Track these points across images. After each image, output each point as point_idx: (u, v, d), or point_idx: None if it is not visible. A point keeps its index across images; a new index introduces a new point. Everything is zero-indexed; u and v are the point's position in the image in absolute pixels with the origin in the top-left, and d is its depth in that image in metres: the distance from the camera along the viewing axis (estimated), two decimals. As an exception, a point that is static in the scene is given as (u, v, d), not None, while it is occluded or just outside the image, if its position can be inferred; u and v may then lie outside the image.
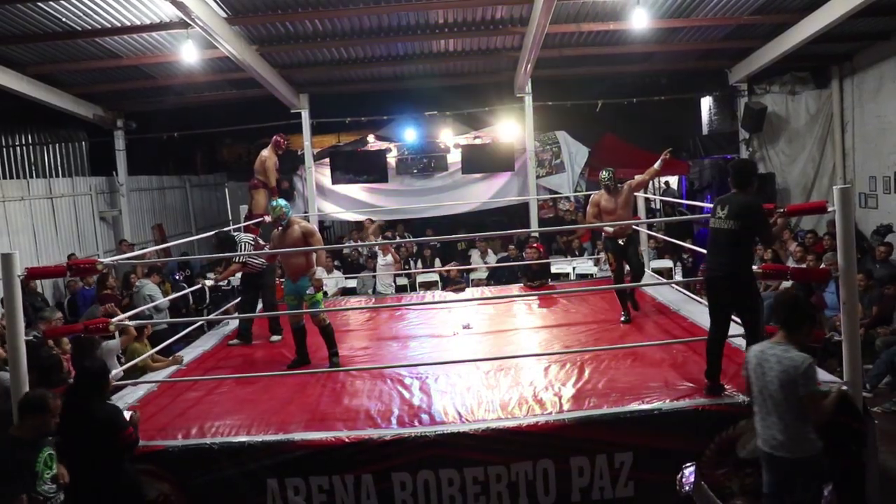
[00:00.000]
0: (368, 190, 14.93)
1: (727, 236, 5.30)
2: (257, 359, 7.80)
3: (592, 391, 5.75)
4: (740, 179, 5.42)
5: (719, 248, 5.40)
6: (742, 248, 5.34)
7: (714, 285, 5.50)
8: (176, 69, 12.59)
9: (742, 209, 5.26)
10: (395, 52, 12.97)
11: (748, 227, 5.26)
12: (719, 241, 5.38)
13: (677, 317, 8.01)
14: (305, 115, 14.46)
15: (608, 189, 8.22)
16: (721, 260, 5.37)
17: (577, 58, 13.55)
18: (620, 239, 8.18)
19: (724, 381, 5.49)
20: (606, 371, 6.21)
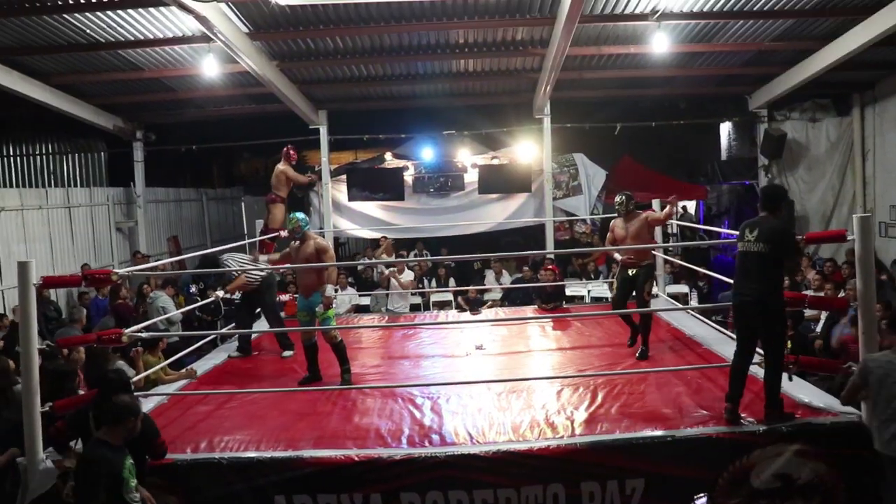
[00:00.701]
0: (384, 207, 14.96)
1: (756, 260, 5.28)
2: (268, 374, 7.82)
3: (605, 416, 5.72)
4: (770, 203, 5.44)
5: (748, 272, 5.37)
6: (771, 272, 5.32)
7: (743, 311, 5.46)
8: (196, 82, 12.71)
9: (773, 233, 5.25)
10: (415, 70, 13.04)
11: (778, 251, 5.25)
12: (748, 264, 5.36)
13: (693, 343, 7.96)
14: (324, 131, 14.53)
15: (620, 215, 7.97)
16: (751, 285, 5.34)
17: (597, 80, 13.57)
18: (631, 269, 7.78)
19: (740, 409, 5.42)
20: (620, 396, 6.17)
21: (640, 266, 7.71)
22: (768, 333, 5.38)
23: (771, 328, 5.35)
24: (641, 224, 7.77)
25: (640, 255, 7.71)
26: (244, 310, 8.86)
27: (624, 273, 7.86)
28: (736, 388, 5.42)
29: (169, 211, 17.04)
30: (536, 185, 14.60)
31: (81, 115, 13.36)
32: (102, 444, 4.41)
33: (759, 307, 5.29)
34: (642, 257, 7.73)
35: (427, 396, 6.46)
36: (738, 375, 5.45)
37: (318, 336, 7.30)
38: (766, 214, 5.41)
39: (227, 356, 8.45)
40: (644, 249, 7.77)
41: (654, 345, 8.09)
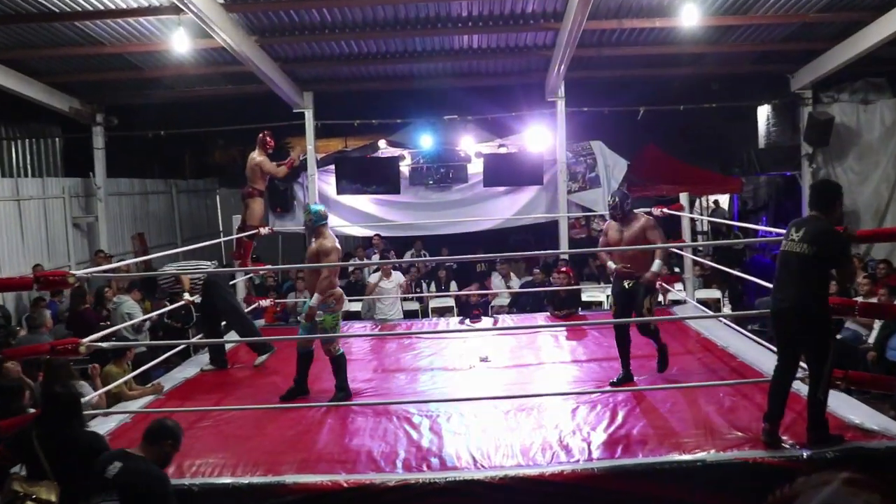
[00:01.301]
0: (378, 202, 14.97)
1: (799, 262, 5.25)
2: (246, 389, 7.78)
3: (626, 437, 5.70)
4: (821, 202, 5.42)
5: (789, 275, 5.35)
6: (815, 277, 5.29)
7: (781, 318, 5.44)
8: (165, 59, 12.73)
9: (821, 234, 5.22)
10: (412, 47, 13.05)
11: (825, 255, 5.21)
12: (790, 267, 5.33)
13: (725, 355, 7.93)
14: (309, 115, 14.56)
15: (613, 218, 7.56)
16: (790, 290, 5.32)
17: (618, 58, 13.58)
18: (626, 280, 7.35)
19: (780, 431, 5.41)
20: (643, 414, 6.16)
21: (637, 277, 7.28)
22: (810, 345, 5.35)
23: (813, 339, 5.31)
24: (639, 230, 7.34)
25: (638, 265, 7.27)
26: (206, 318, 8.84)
27: (619, 285, 7.45)
28: (776, 407, 5.39)
29: (134, 205, 17.05)
30: (549, 177, 14.62)
31: (32, 96, 13.33)
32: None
33: (799, 315, 5.27)
34: (641, 267, 7.27)
35: (425, 415, 6.44)
36: (777, 392, 5.42)
37: (317, 346, 7.30)
38: (817, 214, 5.38)
39: (198, 369, 8.43)
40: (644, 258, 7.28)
41: (681, 357, 8.08)
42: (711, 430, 5.71)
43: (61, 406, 4.86)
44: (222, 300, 8.59)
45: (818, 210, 5.40)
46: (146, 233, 16.90)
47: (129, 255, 15.29)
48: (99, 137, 15.17)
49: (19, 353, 6.94)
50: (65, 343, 6.15)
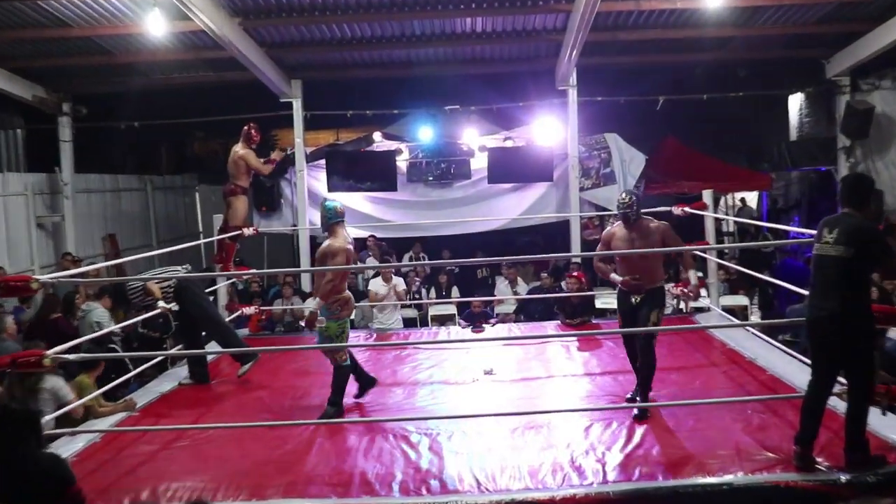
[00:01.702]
0: (373, 200, 14.99)
1: (836, 266, 5.22)
2: (228, 404, 7.78)
3: (645, 458, 5.70)
4: (854, 197, 5.38)
5: (826, 280, 5.32)
6: (855, 281, 5.26)
7: (819, 328, 5.40)
8: (139, 44, 12.73)
9: (857, 232, 5.20)
10: (410, 31, 13.06)
11: (864, 255, 5.18)
12: (826, 271, 5.30)
13: (754, 368, 7.92)
14: (297, 105, 14.57)
15: (626, 219, 7.14)
16: (828, 297, 5.29)
17: (635, 43, 13.60)
18: (634, 296, 7.09)
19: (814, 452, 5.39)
20: (663, 433, 6.16)
21: (646, 291, 7.03)
22: (851, 358, 5.32)
23: (854, 351, 5.27)
24: (657, 239, 7.03)
25: (651, 277, 7.04)
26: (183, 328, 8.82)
27: (626, 301, 7.18)
28: (809, 427, 5.36)
29: (104, 203, 17.03)
30: (559, 173, 14.63)
31: (-9, 83, 13.36)
32: None
33: (839, 324, 5.23)
34: (652, 279, 7.05)
35: (424, 433, 6.43)
36: (812, 411, 5.39)
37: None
38: (849, 211, 5.35)
39: (176, 383, 8.43)
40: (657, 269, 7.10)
41: (705, 370, 8.08)
42: (739, 450, 5.69)
43: (16, 425, 4.79)
44: (197, 307, 8.56)
45: (851, 206, 5.36)
46: (118, 234, 16.86)
47: (99, 259, 15.28)
48: (66, 129, 15.16)
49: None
50: (27, 355, 6.12)
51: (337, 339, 7.26)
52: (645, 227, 7.12)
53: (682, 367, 8.20)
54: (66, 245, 14.99)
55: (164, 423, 7.07)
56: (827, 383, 5.43)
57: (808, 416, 5.38)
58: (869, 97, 14.37)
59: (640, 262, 7.03)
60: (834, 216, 5.45)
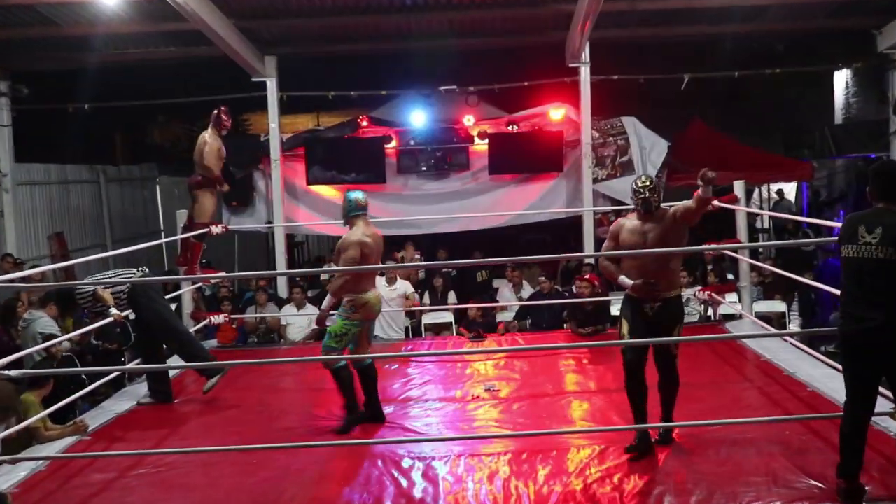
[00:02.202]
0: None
1: (884, 270, 5.15)
2: (193, 425, 7.81)
3: (667, 486, 5.72)
4: (892, 189, 5.29)
5: (869, 287, 5.21)
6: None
7: (859, 342, 5.31)
8: (88, 14, 12.74)
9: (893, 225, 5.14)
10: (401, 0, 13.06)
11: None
12: (868, 277, 5.19)
13: (792, 383, 7.95)
14: (272, 85, 14.59)
15: (646, 209, 6.66)
16: (873, 305, 5.19)
17: (656, 13, 13.65)
18: (649, 305, 6.58)
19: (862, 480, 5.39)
20: (688, 457, 6.19)
21: (664, 299, 6.58)
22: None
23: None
24: (668, 227, 6.57)
25: (669, 282, 6.59)
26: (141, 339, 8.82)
27: (639, 312, 6.66)
28: (852, 458, 5.30)
29: (50, 197, 17.00)
30: (570, 163, 14.66)
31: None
32: None
33: (885, 336, 5.15)
34: (670, 284, 6.62)
35: (417, 457, 6.46)
36: (853, 438, 5.32)
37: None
38: (886, 206, 5.26)
39: (134, 402, 8.45)
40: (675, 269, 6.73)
41: (737, 386, 8.11)
42: (776, 477, 5.71)
43: None
44: (154, 315, 8.53)
45: (887, 200, 5.26)
46: (66, 232, 16.87)
47: (44, 261, 15.28)
48: (4, 112, 15.11)
49: None
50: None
51: (336, 339, 7.31)
52: (660, 218, 6.60)
53: (710, 383, 8.22)
54: (6, 245, 14.96)
55: (120, 447, 7.08)
56: (869, 404, 5.35)
57: (850, 444, 5.31)
58: (928, 73, 14.41)
59: (654, 262, 6.51)
60: (868, 212, 5.34)
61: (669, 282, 6.56)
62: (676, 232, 6.55)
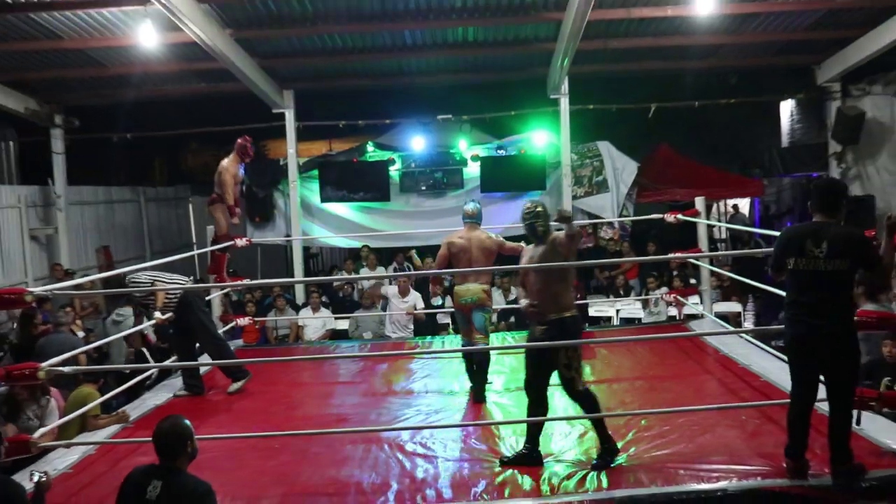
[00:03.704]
0: (366, 210, 15.00)
1: (832, 281, 5.11)
2: (223, 415, 7.78)
3: (640, 465, 5.70)
4: (829, 203, 5.24)
5: (815, 296, 5.18)
6: (847, 294, 5.23)
7: (809, 344, 5.28)
8: (131, 55, 12.74)
9: (850, 242, 5.09)
10: (402, 41, 13.09)
11: (857, 266, 5.10)
12: (814, 287, 5.16)
13: (747, 374, 7.92)
14: (290, 116, 14.59)
15: (531, 234, 6.43)
16: (821, 312, 5.17)
17: (626, 51, 13.64)
18: (536, 327, 6.15)
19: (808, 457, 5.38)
20: (657, 440, 6.16)
21: (549, 321, 6.03)
22: (840, 373, 5.23)
23: (844, 366, 5.21)
24: (547, 252, 6.16)
25: (551, 305, 6.04)
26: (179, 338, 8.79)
27: (532, 332, 6.32)
28: (797, 440, 5.32)
29: (98, 215, 17.01)
30: (552, 182, 14.66)
31: (-16, 95, 13.36)
32: None
33: (829, 341, 5.16)
34: (554, 307, 6.03)
35: (419, 442, 6.45)
36: (797, 423, 5.33)
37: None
38: (824, 219, 5.22)
39: (171, 395, 8.42)
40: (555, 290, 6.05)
41: (700, 377, 8.09)
42: (733, 456, 5.71)
43: None
44: (198, 321, 8.52)
45: (825, 214, 5.23)
46: (112, 245, 16.86)
47: (92, 271, 15.26)
48: (58, 141, 15.15)
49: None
50: (22, 367, 6.12)
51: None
52: (544, 243, 6.22)
53: (676, 375, 8.22)
54: (60, 257, 14.95)
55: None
56: (811, 394, 5.35)
57: (795, 429, 5.33)
58: (859, 103, 14.42)
59: (535, 285, 6.15)
60: (808, 226, 5.28)
61: (552, 304, 6.00)
62: (556, 258, 6.05)
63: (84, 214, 16.37)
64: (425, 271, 11.68)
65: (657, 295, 12.30)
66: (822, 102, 14.93)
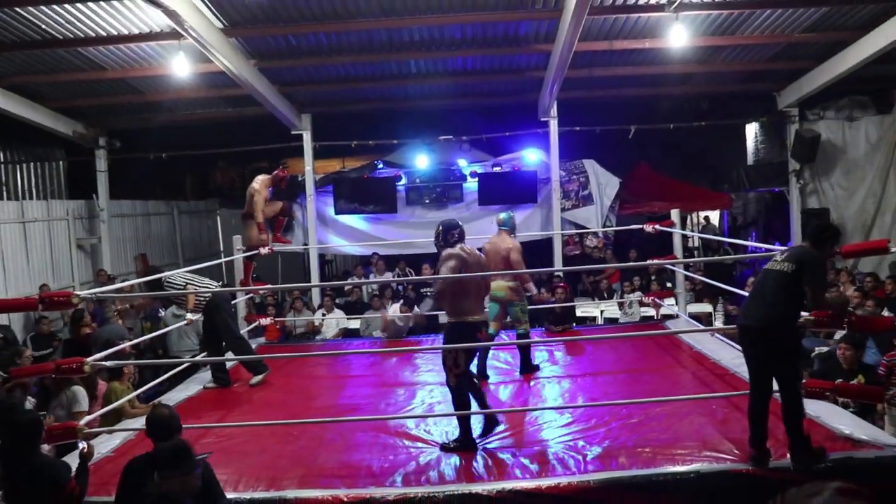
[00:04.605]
0: (375, 221, 15.01)
1: (777, 279, 5.20)
2: (247, 405, 7.78)
3: (621, 450, 5.70)
4: (814, 236, 5.41)
5: (762, 292, 5.32)
6: (788, 296, 5.22)
7: (747, 335, 5.40)
8: (165, 84, 12.78)
9: (802, 254, 5.23)
10: (408, 69, 13.11)
11: (801, 273, 5.14)
12: (766, 284, 5.30)
13: (717, 367, 7.92)
14: (307, 136, 14.61)
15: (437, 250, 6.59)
16: (760, 307, 5.28)
17: (609, 79, 13.66)
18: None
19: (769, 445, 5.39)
20: (637, 427, 6.16)
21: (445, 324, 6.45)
22: (774, 366, 5.27)
23: (778, 359, 5.23)
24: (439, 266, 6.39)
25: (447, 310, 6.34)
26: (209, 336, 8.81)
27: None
28: (757, 430, 5.32)
29: (136, 226, 17.04)
30: (543, 196, 14.67)
31: (37, 120, 13.38)
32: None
33: (763, 333, 5.22)
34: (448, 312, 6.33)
35: (424, 429, 6.47)
36: (755, 415, 5.34)
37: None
38: (807, 245, 5.37)
39: (201, 387, 8.42)
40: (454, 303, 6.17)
41: (675, 371, 8.09)
42: (704, 441, 5.71)
43: (22, 434, 4.77)
44: (223, 322, 8.54)
45: (809, 241, 5.38)
46: (148, 253, 16.88)
47: (131, 276, 15.28)
48: (102, 160, 15.22)
49: (25, 372, 6.91)
50: (70, 362, 6.14)
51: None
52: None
53: (654, 368, 8.24)
54: (102, 263, 15.03)
55: (191, 422, 7.04)
56: (763, 388, 5.36)
57: (753, 421, 5.34)
58: (815, 126, 14.47)
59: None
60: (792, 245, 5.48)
61: (448, 310, 6.25)
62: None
63: (124, 225, 16.41)
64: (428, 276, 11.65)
65: (631, 298, 12.34)
66: (782, 125, 14.95)
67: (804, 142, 14.08)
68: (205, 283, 8.71)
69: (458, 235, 6.43)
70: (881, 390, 6.05)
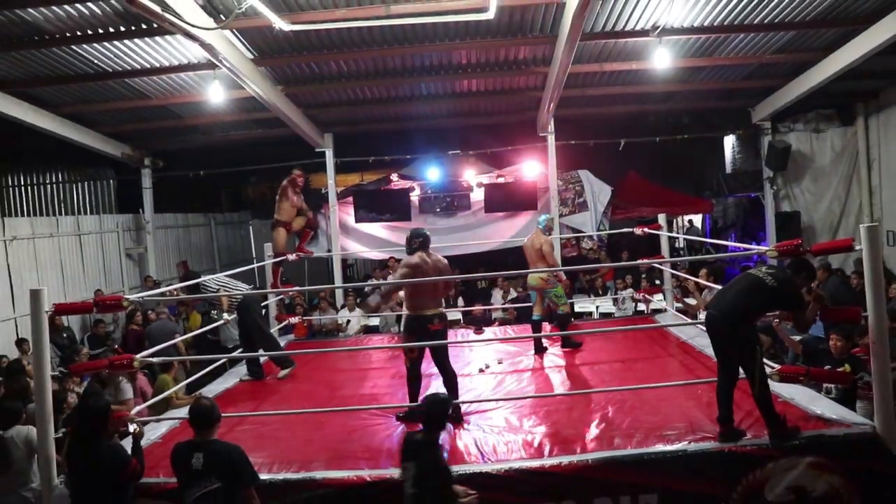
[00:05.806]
0: (391, 228, 15.01)
1: (753, 283, 5.24)
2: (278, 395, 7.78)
3: (616, 431, 5.69)
4: (797, 266, 5.44)
5: (733, 287, 5.39)
6: (757, 299, 5.26)
7: (710, 326, 5.45)
8: (203, 109, 12.85)
9: (785, 278, 5.26)
10: (419, 91, 13.13)
11: (780, 294, 5.21)
12: (740, 282, 5.36)
13: (702, 356, 7.89)
14: (329, 154, 14.64)
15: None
16: (728, 300, 5.33)
17: (600, 97, 13.64)
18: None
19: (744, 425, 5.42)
20: (630, 411, 6.14)
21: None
22: (734, 353, 5.31)
23: (737, 347, 5.26)
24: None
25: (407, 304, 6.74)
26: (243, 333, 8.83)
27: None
28: (725, 410, 5.34)
29: (178, 236, 17.13)
30: (542, 203, 14.64)
31: (90, 144, 13.50)
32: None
33: (725, 325, 5.25)
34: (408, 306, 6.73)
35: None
36: (723, 395, 5.37)
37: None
38: (791, 273, 5.37)
39: (237, 379, 8.44)
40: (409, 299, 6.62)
41: (664, 360, 8.07)
42: (691, 423, 5.70)
43: (92, 420, 4.83)
44: (253, 320, 8.56)
45: (792, 270, 5.41)
46: (189, 260, 16.93)
47: (174, 281, 15.34)
48: (147, 178, 15.33)
49: (81, 368, 6.95)
50: (121, 358, 6.17)
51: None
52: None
53: (645, 358, 8.21)
54: (148, 270, 15.14)
55: (230, 411, 7.06)
56: (727, 371, 5.40)
57: (719, 400, 5.38)
58: (786, 137, 14.45)
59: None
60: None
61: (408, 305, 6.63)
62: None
63: (167, 236, 16.52)
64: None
65: (624, 295, 12.32)
66: (756, 137, 14.92)
67: (776, 152, 14.05)
68: (237, 287, 8.74)
69: (420, 243, 6.59)
70: (850, 375, 6.02)
